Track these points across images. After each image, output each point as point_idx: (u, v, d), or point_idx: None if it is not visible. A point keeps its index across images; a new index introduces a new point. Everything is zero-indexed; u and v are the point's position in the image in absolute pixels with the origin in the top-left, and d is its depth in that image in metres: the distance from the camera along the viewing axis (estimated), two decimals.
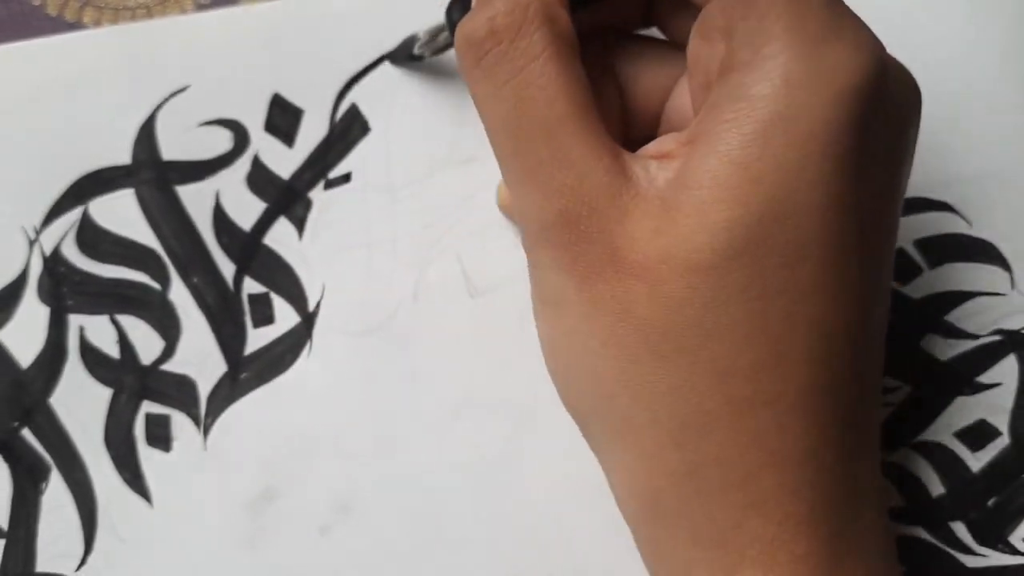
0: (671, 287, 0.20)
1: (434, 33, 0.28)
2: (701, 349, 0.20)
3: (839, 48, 0.20)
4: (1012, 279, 0.30)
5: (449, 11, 0.26)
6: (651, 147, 0.22)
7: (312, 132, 0.30)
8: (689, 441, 0.21)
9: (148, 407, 0.29)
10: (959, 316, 0.30)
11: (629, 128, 0.25)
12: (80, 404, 0.29)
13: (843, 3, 0.21)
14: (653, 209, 0.21)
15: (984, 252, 0.30)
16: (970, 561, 0.29)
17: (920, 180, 0.30)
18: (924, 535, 0.29)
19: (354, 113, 0.30)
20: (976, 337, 0.30)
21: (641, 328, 0.21)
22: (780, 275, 0.20)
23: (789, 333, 0.20)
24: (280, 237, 0.30)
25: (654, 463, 0.21)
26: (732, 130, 0.20)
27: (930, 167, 0.30)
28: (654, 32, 0.25)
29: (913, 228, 0.30)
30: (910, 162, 0.23)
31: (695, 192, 0.20)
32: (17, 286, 0.29)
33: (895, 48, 0.31)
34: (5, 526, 0.29)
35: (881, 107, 0.20)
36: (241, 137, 0.30)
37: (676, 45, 0.24)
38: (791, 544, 0.20)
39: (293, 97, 0.30)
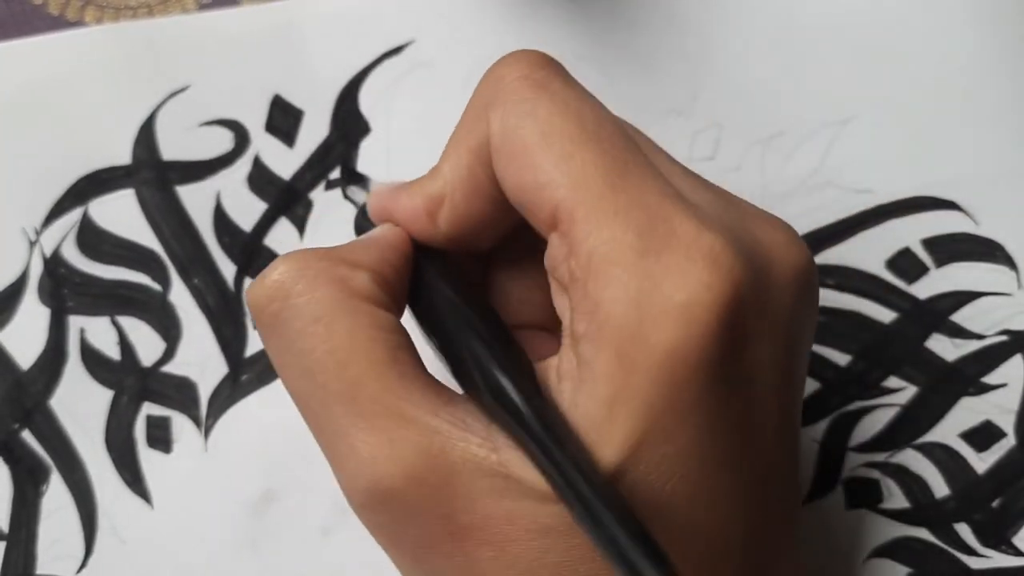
0: (521, 548, 0.18)
1: (356, 199, 0.29)
2: None
3: (662, 299, 0.18)
4: (1019, 279, 0.30)
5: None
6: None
7: (313, 132, 0.30)
8: None
9: (149, 409, 0.29)
10: (965, 316, 0.30)
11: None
12: (80, 406, 0.29)
13: (667, 226, 0.18)
14: (489, 468, 0.18)
15: (991, 252, 0.30)
16: (974, 563, 0.29)
17: (927, 179, 0.30)
18: (928, 536, 0.29)
19: (355, 114, 0.30)
20: (982, 337, 0.30)
21: None
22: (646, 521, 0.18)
23: None
24: (281, 238, 0.30)
25: None
26: (583, 408, 0.18)
27: (937, 166, 0.30)
28: None
29: (920, 227, 0.30)
30: (805, 342, 0.21)
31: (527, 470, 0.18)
32: (17, 287, 0.29)
33: (901, 47, 0.31)
34: (5, 528, 0.28)
35: (736, 322, 0.18)
36: (242, 137, 0.30)
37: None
38: None
39: (294, 97, 0.30)
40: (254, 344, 0.29)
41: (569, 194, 0.19)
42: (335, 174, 0.30)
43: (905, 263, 0.30)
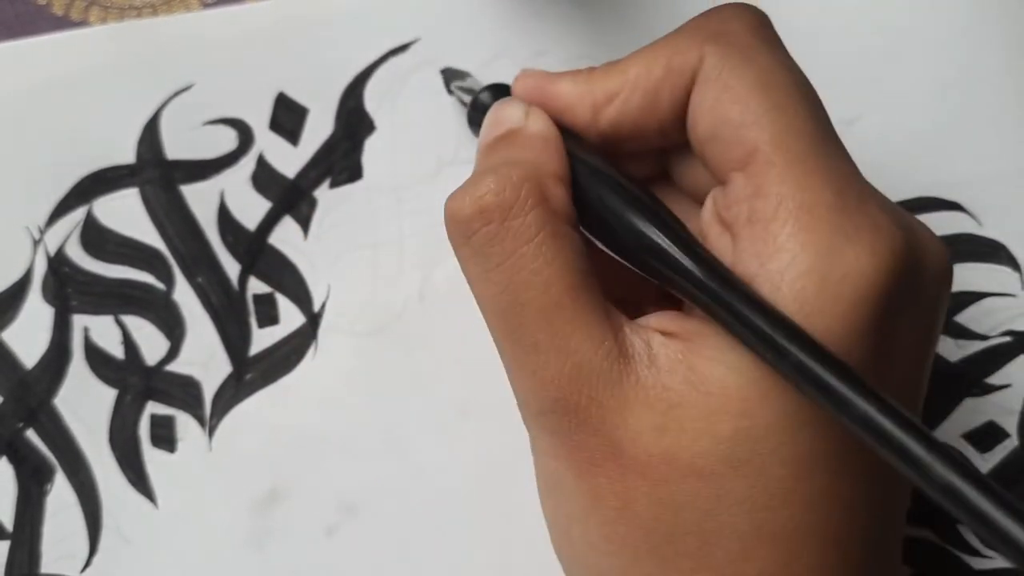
0: (673, 489, 0.19)
1: (466, 92, 0.28)
2: (703, 555, 0.19)
3: (852, 256, 0.19)
4: (1022, 280, 0.30)
5: (476, 95, 0.26)
6: (653, 320, 0.21)
7: (317, 131, 0.30)
8: None
9: (153, 408, 0.29)
10: (968, 317, 0.30)
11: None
12: (85, 405, 0.29)
13: (859, 194, 0.20)
14: (657, 404, 0.20)
15: (994, 253, 0.30)
16: (977, 563, 0.29)
17: (930, 180, 0.30)
18: (931, 537, 0.29)
19: (360, 112, 0.30)
20: (985, 338, 0.30)
21: (642, 527, 0.20)
22: (786, 485, 0.19)
23: (796, 542, 0.19)
24: (285, 236, 0.30)
25: None
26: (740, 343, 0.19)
27: (941, 167, 0.30)
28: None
29: None
30: (938, 333, 0.22)
31: (703, 396, 0.19)
32: (21, 286, 0.29)
33: (906, 48, 0.31)
34: (10, 527, 0.28)
35: (901, 300, 0.19)
36: (246, 136, 0.30)
37: (689, 198, 0.24)
38: None
39: (298, 96, 0.30)
40: (258, 343, 0.29)
41: (773, 139, 0.20)
42: (341, 172, 0.30)
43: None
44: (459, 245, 0.21)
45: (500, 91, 0.26)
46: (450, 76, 0.30)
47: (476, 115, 0.25)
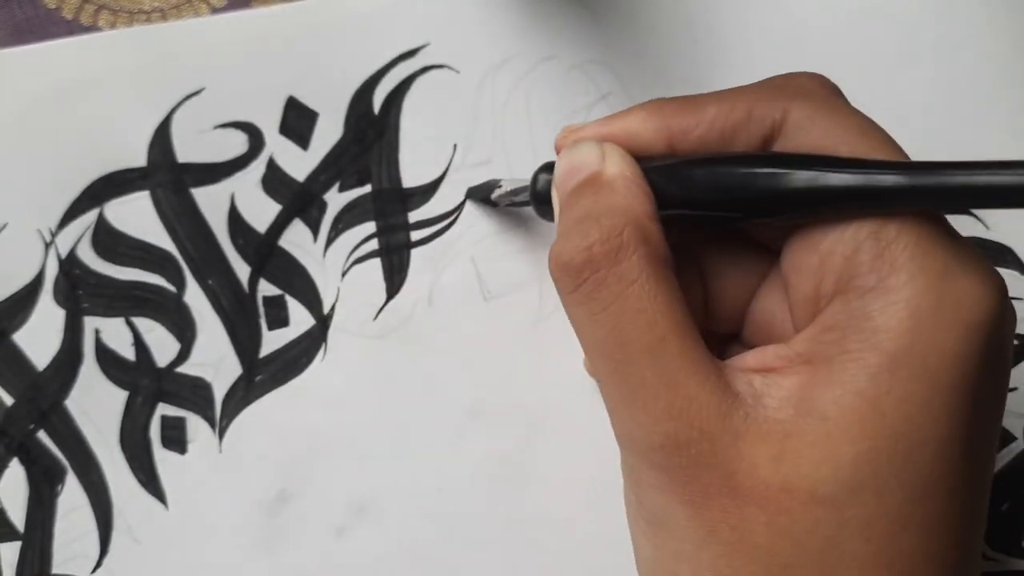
0: (793, 518, 0.19)
1: (516, 191, 0.28)
2: None
3: (965, 283, 0.20)
4: None
5: (535, 177, 0.26)
6: (750, 359, 0.21)
7: (327, 135, 0.30)
8: None
9: (163, 409, 0.29)
10: None
11: (710, 321, 0.24)
12: (96, 406, 0.29)
13: (965, 239, 0.21)
14: (771, 434, 0.20)
15: (1001, 256, 0.30)
16: (984, 567, 0.29)
17: None
18: None
19: (369, 116, 0.30)
20: None
21: (760, 559, 0.20)
22: (904, 510, 0.19)
23: (913, 568, 0.20)
24: (295, 239, 0.30)
25: None
26: (858, 362, 0.19)
27: None
28: None
29: None
30: (1008, 381, 0.22)
31: (819, 422, 0.19)
32: (33, 288, 0.29)
33: (912, 50, 0.31)
34: (21, 528, 0.29)
35: (1000, 337, 0.20)
36: (256, 139, 0.30)
37: (759, 245, 0.24)
38: None
39: (308, 100, 0.30)
40: (268, 345, 0.30)
41: None
42: (350, 176, 0.30)
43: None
44: (567, 292, 0.22)
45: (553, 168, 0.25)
46: (482, 192, 0.30)
47: (542, 198, 0.25)
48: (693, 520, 0.20)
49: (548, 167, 0.25)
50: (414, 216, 0.30)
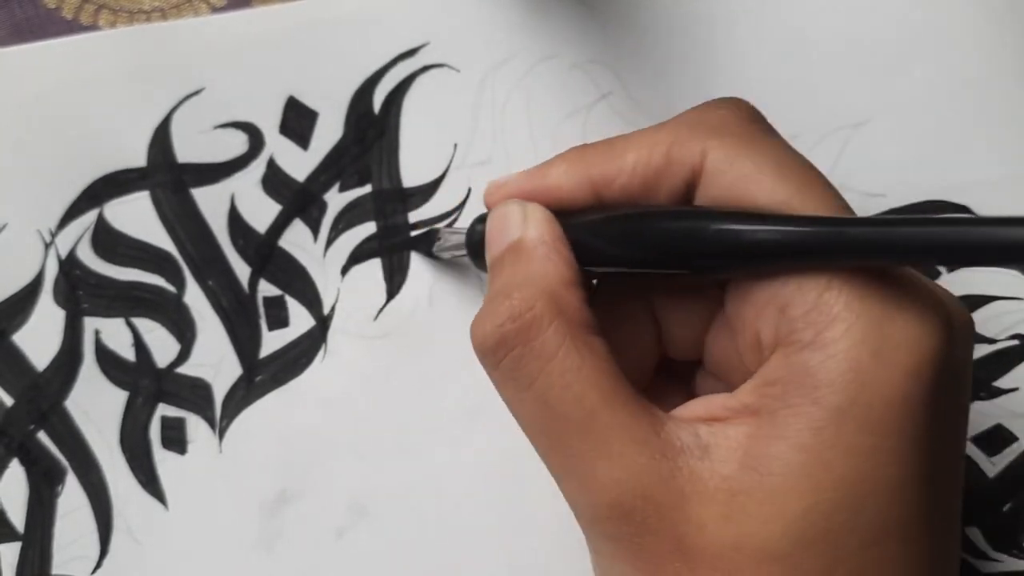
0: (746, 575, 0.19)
1: (454, 247, 0.28)
2: None
3: (903, 324, 0.19)
4: None
5: (471, 230, 0.26)
6: (698, 408, 0.21)
7: (327, 134, 0.30)
8: None
9: (163, 410, 0.29)
10: (976, 320, 0.29)
11: (672, 350, 0.24)
12: (96, 407, 0.29)
13: (904, 270, 0.20)
14: (718, 492, 0.20)
15: None
16: (985, 567, 0.29)
17: (939, 183, 0.30)
18: None
19: (369, 115, 0.30)
20: (993, 342, 0.30)
21: None
22: (860, 556, 0.19)
23: None
24: (295, 239, 0.30)
25: None
26: (800, 417, 0.19)
27: (949, 170, 0.30)
28: None
29: None
30: (968, 400, 0.22)
31: (766, 479, 0.19)
32: (33, 289, 0.29)
33: (914, 51, 0.31)
34: (21, 529, 0.29)
35: (948, 368, 0.20)
36: (256, 139, 0.30)
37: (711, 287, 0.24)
38: None
39: (308, 99, 0.30)
40: (268, 345, 0.30)
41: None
42: (350, 176, 0.30)
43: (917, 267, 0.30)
44: (490, 371, 0.22)
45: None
46: (424, 245, 0.30)
47: (477, 251, 0.25)
48: None
49: (483, 219, 0.25)
50: (414, 216, 0.30)
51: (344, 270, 0.30)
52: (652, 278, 0.24)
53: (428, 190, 0.30)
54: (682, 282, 0.23)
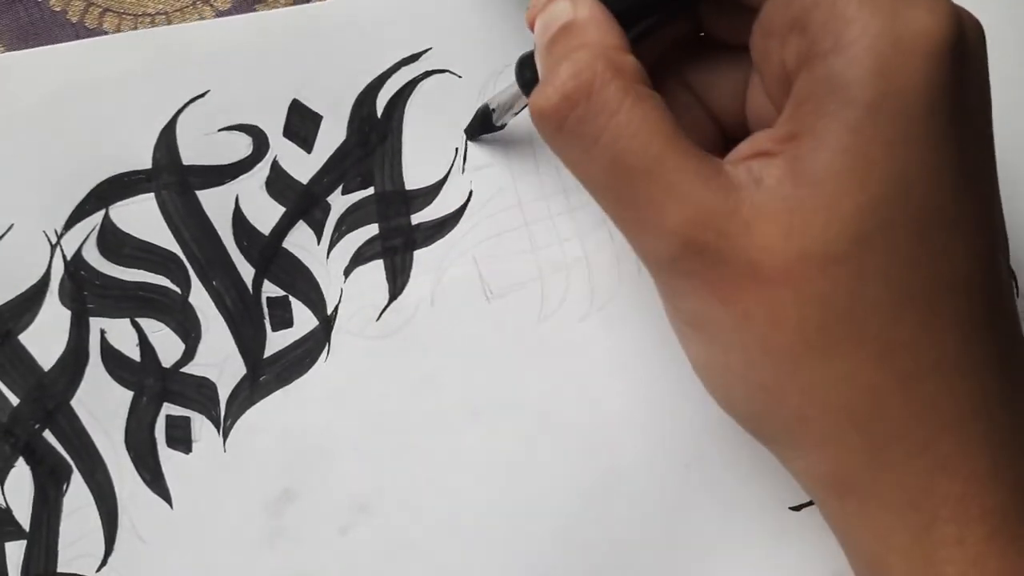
0: (816, 284, 0.21)
1: (510, 101, 0.28)
2: (858, 335, 0.21)
3: (916, 15, 0.20)
4: (1017, 288, 0.31)
5: (520, 72, 0.26)
6: (744, 148, 0.22)
7: (330, 137, 0.31)
8: (866, 421, 0.21)
9: (168, 409, 0.29)
10: None
11: (718, 132, 0.25)
12: (101, 406, 0.29)
13: None
14: (777, 213, 0.21)
15: None
16: None
17: None
18: None
19: (372, 119, 0.31)
20: None
21: (797, 330, 0.21)
22: (913, 245, 0.21)
23: (935, 298, 0.21)
24: (299, 241, 0.30)
25: (835, 448, 0.22)
26: (836, 121, 0.20)
27: None
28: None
29: None
30: (990, 99, 0.23)
31: (816, 188, 0.20)
32: (39, 289, 0.30)
33: None
34: (27, 527, 0.29)
35: (964, 57, 0.21)
36: (260, 142, 0.31)
37: (737, 49, 0.25)
38: (980, 498, 0.21)
39: (312, 103, 0.31)
40: (272, 345, 0.30)
41: None
42: (353, 178, 0.31)
43: None
44: (552, 136, 0.22)
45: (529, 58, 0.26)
46: (479, 126, 0.30)
47: (528, 76, 0.26)
48: (729, 312, 0.22)
49: (529, 56, 0.26)
50: (417, 218, 0.31)
51: (347, 271, 0.30)
52: (688, 58, 0.25)
53: (430, 193, 0.31)
54: (716, 57, 0.25)
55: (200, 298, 0.30)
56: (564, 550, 0.29)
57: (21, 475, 0.29)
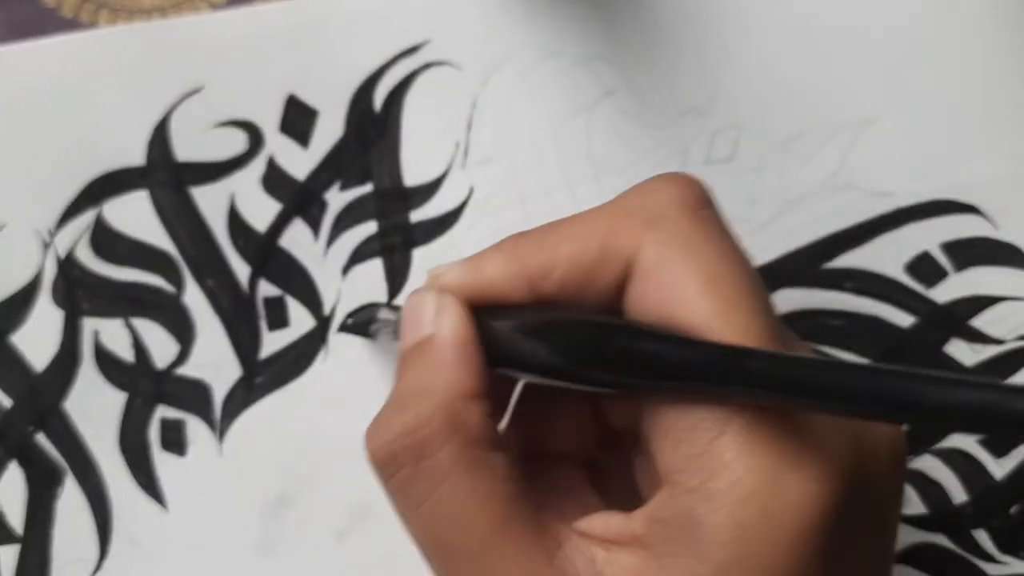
0: None
1: (388, 325, 0.28)
2: None
3: (795, 481, 0.18)
4: None
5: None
6: (598, 524, 0.21)
7: (327, 133, 0.30)
8: None
9: (163, 411, 0.29)
10: (984, 321, 0.30)
11: (608, 420, 0.24)
12: (94, 408, 0.29)
13: (806, 422, 0.19)
14: None
15: (1010, 256, 0.30)
16: (992, 569, 0.29)
17: (947, 182, 0.30)
18: (946, 543, 0.29)
19: (370, 114, 0.30)
20: (1001, 342, 0.29)
21: None
22: None
23: None
24: (295, 239, 0.30)
25: None
26: (685, 570, 0.19)
27: (957, 169, 0.30)
28: None
29: (939, 230, 0.30)
30: (895, 528, 0.22)
31: None
32: (31, 289, 0.29)
33: (922, 49, 0.30)
34: (20, 531, 0.29)
35: (851, 516, 0.19)
36: (256, 138, 0.30)
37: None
38: None
39: (308, 98, 0.30)
40: (268, 346, 0.29)
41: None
42: (350, 175, 0.30)
43: (924, 267, 0.30)
44: (382, 481, 0.21)
45: None
46: (359, 325, 0.29)
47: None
48: None
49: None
50: (416, 215, 0.30)
51: (345, 270, 0.30)
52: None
53: (429, 189, 0.30)
54: None
55: (195, 298, 0.29)
56: None
57: (14, 478, 0.29)
